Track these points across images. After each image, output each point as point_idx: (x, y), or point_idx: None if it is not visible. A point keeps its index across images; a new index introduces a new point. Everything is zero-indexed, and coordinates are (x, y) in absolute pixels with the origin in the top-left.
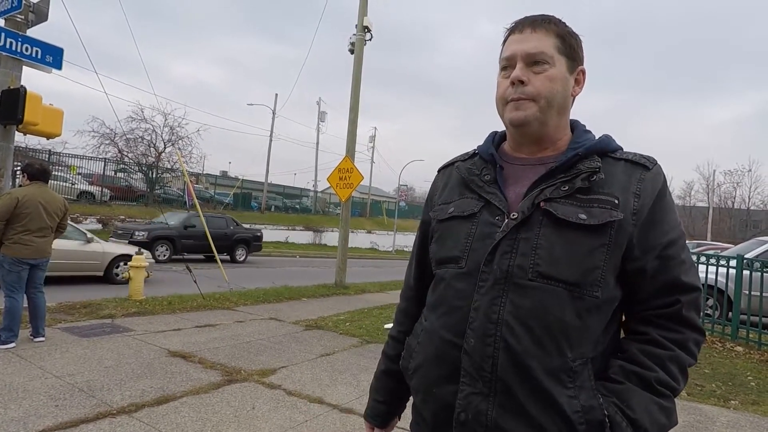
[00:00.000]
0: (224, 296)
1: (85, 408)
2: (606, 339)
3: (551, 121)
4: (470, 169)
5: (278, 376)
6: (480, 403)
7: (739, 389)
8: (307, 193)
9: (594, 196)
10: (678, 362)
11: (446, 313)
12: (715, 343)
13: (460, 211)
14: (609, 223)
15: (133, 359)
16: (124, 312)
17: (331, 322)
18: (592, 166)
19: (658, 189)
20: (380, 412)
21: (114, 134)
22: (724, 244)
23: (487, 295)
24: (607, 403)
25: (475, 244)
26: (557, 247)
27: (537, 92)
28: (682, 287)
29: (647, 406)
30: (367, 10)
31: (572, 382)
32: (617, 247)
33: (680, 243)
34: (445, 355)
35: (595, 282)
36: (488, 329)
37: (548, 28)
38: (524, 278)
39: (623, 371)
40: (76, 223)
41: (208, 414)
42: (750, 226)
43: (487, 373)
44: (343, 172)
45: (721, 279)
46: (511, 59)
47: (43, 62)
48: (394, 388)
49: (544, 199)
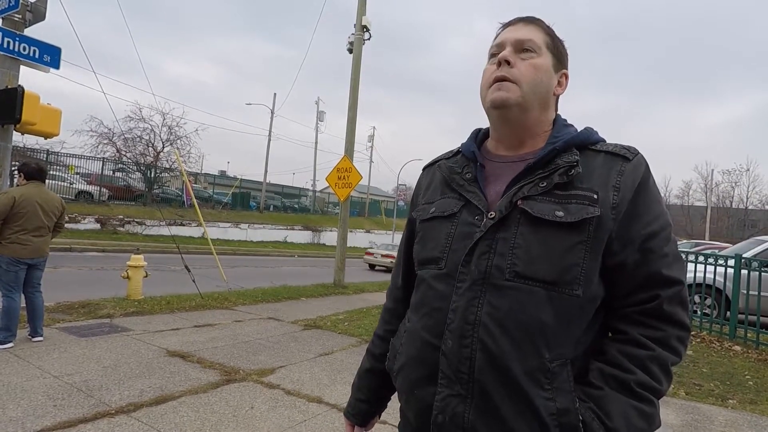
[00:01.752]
0: (223, 296)
1: (84, 408)
2: (587, 339)
3: (533, 111)
4: (452, 167)
5: (277, 376)
6: (457, 406)
7: (737, 388)
8: (305, 192)
9: (572, 191)
10: (659, 362)
11: (427, 314)
12: (714, 343)
13: (440, 211)
14: (586, 219)
15: (131, 359)
16: (123, 312)
17: (329, 321)
18: (569, 160)
19: (638, 180)
20: (361, 411)
21: (112, 134)
22: (723, 244)
23: (465, 296)
24: (584, 408)
25: (455, 245)
26: (534, 246)
27: (521, 75)
28: (663, 281)
29: (626, 412)
30: (365, 10)
31: (549, 384)
32: (597, 244)
33: (663, 235)
34: (425, 356)
35: (574, 280)
36: (465, 330)
37: (539, 25)
38: (501, 279)
39: (602, 375)
40: (74, 223)
41: (207, 414)
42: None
43: (464, 374)
44: (342, 171)
45: (719, 278)
46: (501, 46)
47: (40, 62)
48: (377, 386)
49: (522, 197)
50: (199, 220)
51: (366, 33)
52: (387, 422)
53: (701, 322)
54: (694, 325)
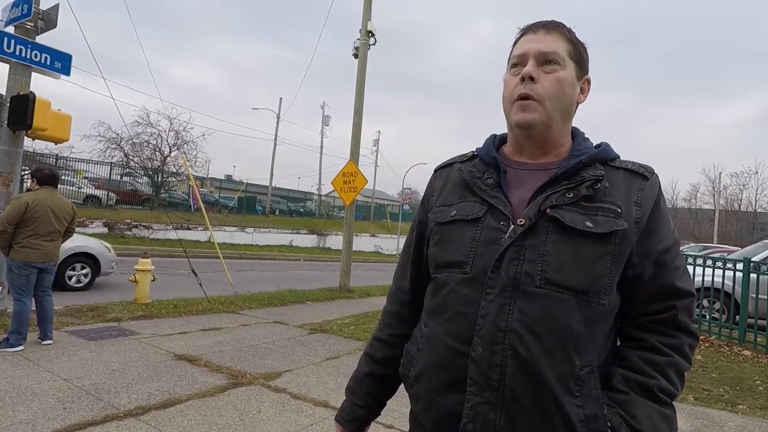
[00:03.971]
0: (229, 300)
1: (93, 410)
2: (608, 347)
3: (555, 125)
4: (472, 171)
5: (283, 380)
6: (488, 413)
7: (747, 394)
8: (311, 196)
9: (598, 204)
10: (676, 368)
11: (450, 319)
12: (723, 347)
13: (463, 214)
14: (614, 231)
15: (139, 362)
16: (131, 315)
17: (335, 325)
18: (595, 174)
19: (655, 198)
20: (358, 416)
21: (120, 138)
22: (731, 247)
23: (495, 302)
24: (612, 413)
25: (480, 250)
26: (564, 254)
27: (545, 92)
28: (677, 293)
29: (651, 416)
30: (371, 15)
31: (579, 390)
32: (621, 256)
33: (674, 250)
34: (449, 362)
35: (602, 290)
36: (497, 337)
37: (562, 32)
38: (532, 285)
39: (626, 381)
40: (83, 227)
41: (214, 417)
42: (757, 228)
43: (495, 381)
44: (348, 176)
45: (728, 282)
46: (523, 57)
47: (51, 68)
48: (376, 391)
49: (550, 206)
50: (206, 224)
51: (371, 38)
52: (394, 426)
53: (710, 327)
54: (703, 329)
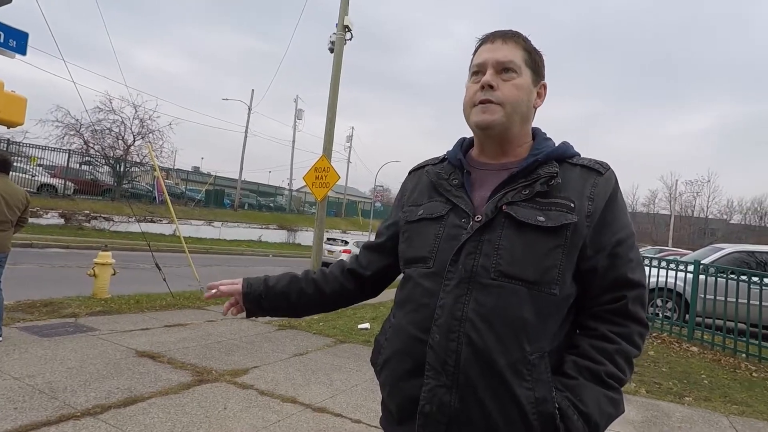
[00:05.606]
0: (195, 295)
1: (47, 410)
2: (561, 334)
3: (514, 127)
4: (439, 173)
5: (250, 376)
6: (444, 395)
7: (693, 386)
8: (282, 191)
9: (552, 199)
10: (624, 355)
11: (414, 310)
12: (673, 344)
13: (428, 213)
14: (565, 225)
15: (98, 360)
16: (88, 311)
17: (304, 321)
18: (550, 171)
19: (609, 192)
20: (257, 292)
21: (80, 125)
22: (684, 250)
23: (452, 293)
24: (561, 397)
25: (443, 245)
26: (518, 247)
27: (504, 97)
28: (628, 284)
29: (598, 399)
30: (348, 10)
31: (530, 375)
32: (573, 248)
33: (628, 242)
34: (411, 349)
35: (552, 280)
36: (452, 326)
37: (518, 42)
38: (487, 277)
39: (576, 366)
40: (36, 217)
41: (178, 415)
42: (708, 233)
43: (450, 366)
44: (320, 171)
45: (679, 283)
46: (483, 65)
47: (6, 47)
48: (284, 292)
49: (506, 203)
50: (172, 216)
51: (348, 33)
52: (362, 421)
53: (662, 324)
54: (656, 327)
